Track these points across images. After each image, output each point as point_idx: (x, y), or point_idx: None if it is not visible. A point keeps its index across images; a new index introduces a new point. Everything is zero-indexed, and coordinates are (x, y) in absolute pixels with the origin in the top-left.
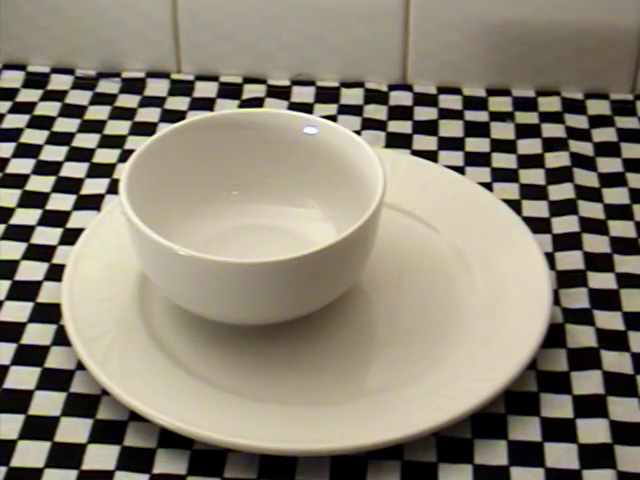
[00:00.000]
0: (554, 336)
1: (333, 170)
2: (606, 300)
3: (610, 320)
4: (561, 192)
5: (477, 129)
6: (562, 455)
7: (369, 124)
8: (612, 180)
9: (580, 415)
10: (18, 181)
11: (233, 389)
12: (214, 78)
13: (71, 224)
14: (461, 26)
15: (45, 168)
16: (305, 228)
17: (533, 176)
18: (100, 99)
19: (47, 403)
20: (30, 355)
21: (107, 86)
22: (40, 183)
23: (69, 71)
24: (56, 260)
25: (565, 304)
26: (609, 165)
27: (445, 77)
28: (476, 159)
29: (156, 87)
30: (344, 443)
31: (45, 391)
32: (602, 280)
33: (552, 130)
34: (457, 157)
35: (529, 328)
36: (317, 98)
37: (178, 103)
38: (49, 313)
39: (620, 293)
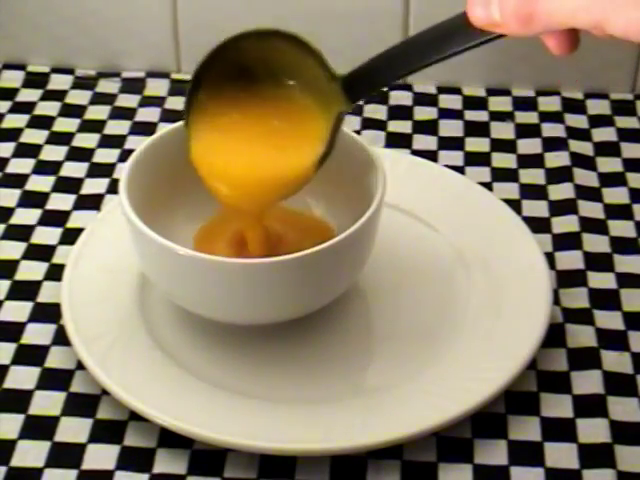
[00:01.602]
0: (554, 336)
1: (333, 170)
2: (606, 300)
3: (610, 320)
4: (561, 192)
5: (477, 129)
6: (562, 455)
7: (369, 124)
8: (612, 180)
9: (580, 415)
10: (18, 181)
11: (233, 389)
12: None
13: (71, 224)
14: None
15: (45, 168)
16: None
17: (533, 176)
18: (100, 99)
19: (47, 403)
20: (30, 355)
21: (107, 86)
22: (40, 183)
23: (69, 71)
24: (56, 260)
25: (565, 304)
26: (609, 165)
27: (445, 77)
28: (476, 159)
29: (156, 87)
30: (344, 443)
31: (45, 391)
32: (602, 280)
33: (552, 130)
34: (457, 157)
35: (529, 328)
36: None
37: (178, 103)
38: (49, 313)
39: (620, 293)
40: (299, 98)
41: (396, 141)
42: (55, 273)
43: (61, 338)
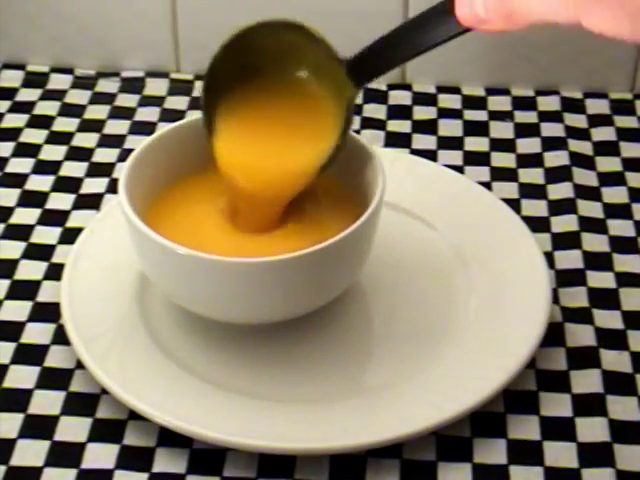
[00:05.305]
0: (553, 335)
1: (333, 169)
2: (605, 299)
3: (609, 319)
4: (560, 191)
5: (476, 128)
6: (561, 454)
7: (369, 123)
8: (611, 179)
9: (579, 414)
10: (18, 181)
11: (233, 388)
12: None
13: (71, 224)
14: None
15: (44, 167)
16: None
17: (532, 175)
18: (99, 98)
19: (46, 402)
20: (29, 354)
21: (106, 85)
22: (39, 183)
23: (68, 71)
24: (56, 259)
25: (564, 303)
26: (608, 164)
27: (444, 76)
28: (475, 158)
29: (155, 86)
30: (343, 442)
31: (44, 390)
32: (601, 279)
33: (551, 129)
34: (456, 156)
35: (528, 327)
36: None
37: (177, 102)
38: (48, 312)
39: (619, 292)
40: (311, 89)
41: (395, 141)
42: (55, 273)
43: (61, 337)
